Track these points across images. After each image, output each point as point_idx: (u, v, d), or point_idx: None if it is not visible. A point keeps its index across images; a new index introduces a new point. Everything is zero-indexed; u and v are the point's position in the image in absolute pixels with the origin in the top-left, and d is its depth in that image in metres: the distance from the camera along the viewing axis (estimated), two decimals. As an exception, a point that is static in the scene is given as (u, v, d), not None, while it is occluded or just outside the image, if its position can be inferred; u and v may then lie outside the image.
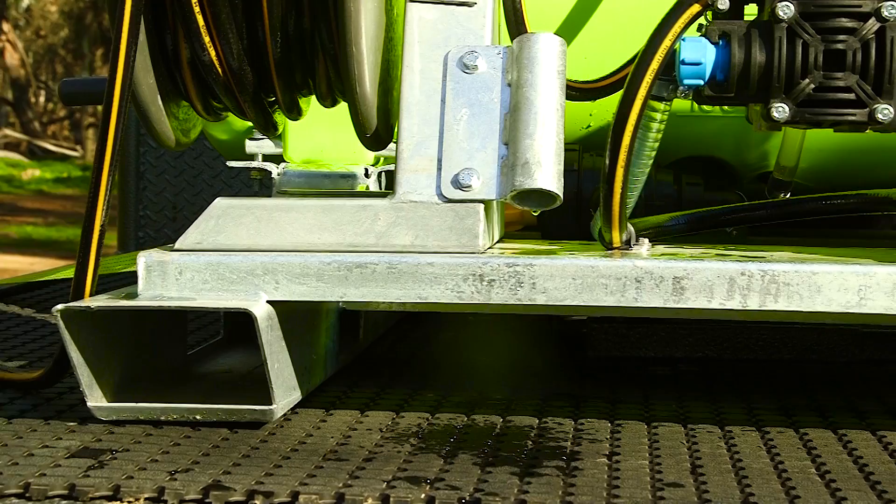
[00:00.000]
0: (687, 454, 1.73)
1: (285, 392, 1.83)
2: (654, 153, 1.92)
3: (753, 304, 1.74)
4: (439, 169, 1.81)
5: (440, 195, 1.81)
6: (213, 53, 1.89)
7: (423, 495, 1.50)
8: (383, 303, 1.79)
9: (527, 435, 1.82)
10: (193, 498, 1.48)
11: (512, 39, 1.89)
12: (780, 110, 1.78)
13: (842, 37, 1.77)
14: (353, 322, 2.27)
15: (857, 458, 1.71)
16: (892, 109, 1.77)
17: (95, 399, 1.79)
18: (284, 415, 1.89)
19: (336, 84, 1.99)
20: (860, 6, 1.76)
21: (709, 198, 2.36)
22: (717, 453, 1.73)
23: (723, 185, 2.48)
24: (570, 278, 1.76)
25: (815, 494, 1.54)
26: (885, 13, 1.75)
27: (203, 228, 1.83)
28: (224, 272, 1.78)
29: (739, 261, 1.76)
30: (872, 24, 1.76)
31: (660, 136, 1.90)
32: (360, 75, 1.86)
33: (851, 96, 1.77)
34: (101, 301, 1.78)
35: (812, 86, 1.77)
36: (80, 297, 1.81)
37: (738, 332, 2.32)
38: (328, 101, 2.06)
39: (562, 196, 1.78)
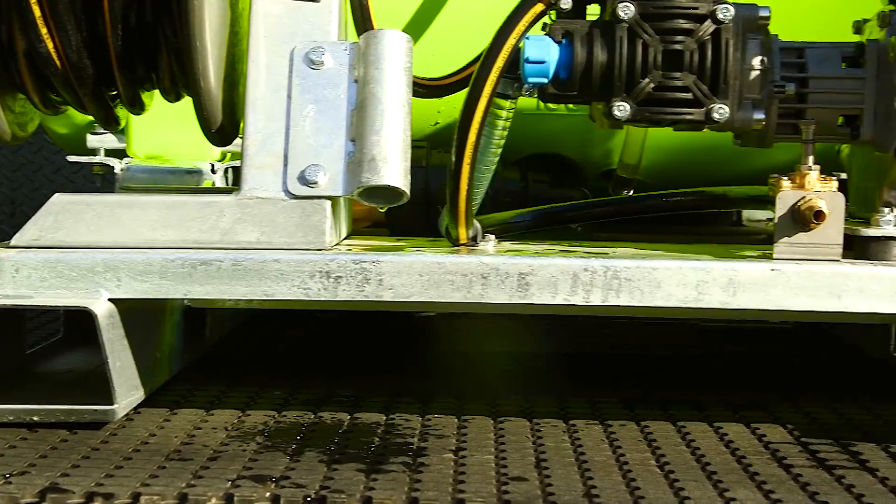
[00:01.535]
0: (532, 448, 1.75)
1: (127, 391, 1.79)
2: (500, 150, 1.93)
3: (596, 299, 1.77)
4: (285, 165, 1.80)
5: (286, 192, 1.79)
6: (50, 45, 1.83)
7: (268, 494, 1.49)
8: (229, 300, 1.77)
9: (374, 432, 1.82)
10: (29, 502, 1.44)
11: (359, 36, 1.88)
12: (622, 109, 1.82)
13: (680, 38, 1.81)
14: (199, 320, 2.24)
15: (695, 449, 1.76)
16: (727, 109, 1.82)
17: (-73, 401, 1.73)
18: (127, 414, 1.85)
19: (180, 78, 1.95)
20: (697, 8, 1.80)
21: (554, 195, 2.39)
22: (562, 447, 1.76)
23: (568, 183, 2.52)
24: (416, 275, 1.76)
25: (654, 486, 1.57)
26: (719, 15, 1.80)
27: (41, 224, 1.78)
28: (63, 269, 1.74)
29: (583, 257, 1.79)
30: (708, 26, 1.80)
31: (506, 133, 1.92)
32: (205, 70, 1.84)
33: (689, 96, 1.82)
34: (-67, 300, 1.72)
35: (652, 85, 1.81)
36: (-89, 296, 1.75)
37: (583, 327, 2.36)
38: (172, 95, 2.02)
39: (409, 193, 1.79)
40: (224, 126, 1.93)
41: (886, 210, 1.84)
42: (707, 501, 1.51)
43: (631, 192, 2.50)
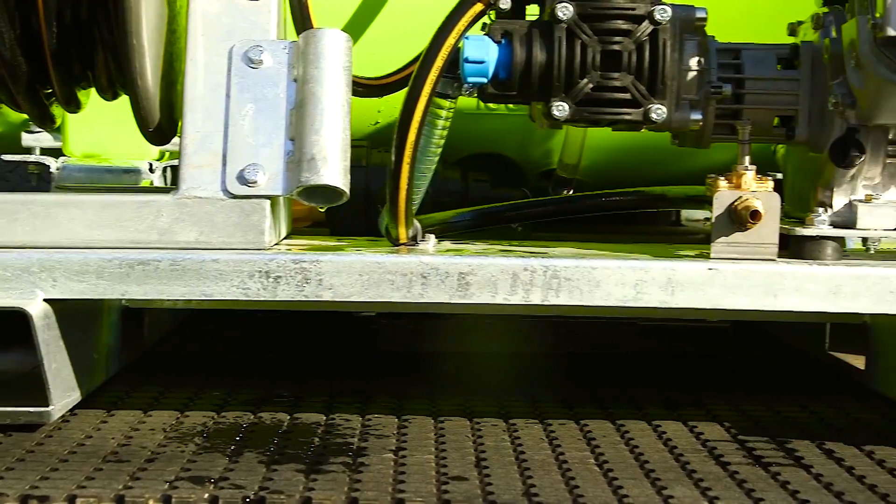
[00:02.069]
0: (472, 447, 1.75)
1: (63, 393, 1.77)
2: (440, 150, 1.93)
3: (536, 298, 1.78)
4: (224, 164, 1.78)
5: (225, 191, 1.78)
6: (-18, 43, 1.81)
7: (206, 495, 1.48)
8: (167, 300, 1.75)
9: (314, 432, 1.82)
10: (-37, 505, 1.42)
11: (298, 35, 1.87)
12: (561, 109, 1.83)
13: (618, 38, 1.82)
14: (137, 320, 2.22)
15: (634, 447, 1.77)
16: (665, 109, 1.83)
17: None
18: (63, 416, 1.83)
19: (117, 77, 1.93)
20: (634, 9, 1.82)
21: (495, 194, 2.39)
22: (502, 446, 1.76)
23: (508, 182, 2.52)
24: (356, 274, 1.76)
25: (593, 484, 1.58)
26: (657, 16, 1.81)
27: (-25, 224, 1.75)
28: (-3, 270, 1.72)
29: (523, 257, 1.79)
30: (646, 27, 1.82)
31: (445, 133, 1.92)
32: (142, 68, 1.82)
33: (627, 96, 1.83)
34: None
35: (590, 85, 1.82)
36: None
37: (522, 326, 2.37)
38: (109, 94, 2.00)
39: (348, 192, 1.78)
40: (162, 125, 1.92)
41: (821, 210, 1.87)
42: (645, 499, 1.52)
43: (571, 192, 2.51)
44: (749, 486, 1.58)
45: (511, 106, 2.30)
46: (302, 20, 2.00)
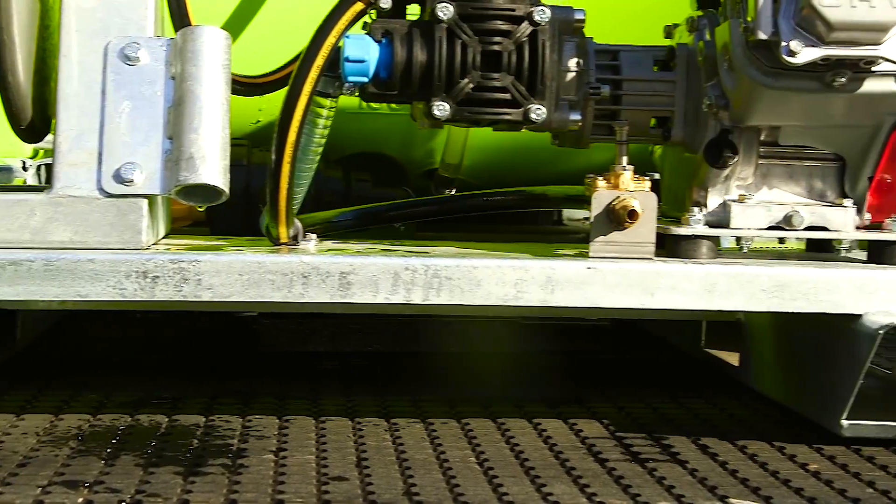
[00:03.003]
0: (353, 447, 1.75)
1: (-68, 397, 1.73)
2: (321, 149, 1.93)
3: (417, 298, 1.78)
4: (100, 163, 1.75)
5: (101, 190, 1.75)
6: None
7: (80, 499, 1.45)
8: (41, 301, 1.72)
9: (193, 434, 1.80)
10: None
11: (176, 32, 1.85)
12: (441, 108, 1.83)
13: (498, 39, 1.83)
14: (9, 321, 2.17)
15: (514, 445, 1.78)
16: (544, 109, 1.85)
17: None
18: (-68, 422, 1.78)
19: (-12, 72, 1.89)
20: (514, 10, 1.83)
21: (377, 194, 2.39)
22: (383, 446, 1.76)
23: (391, 182, 2.52)
24: (236, 274, 1.74)
25: (473, 483, 1.59)
26: (536, 17, 1.82)
27: None
28: None
29: (404, 256, 1.79)
30: (526, 28, 1.83)
31: (327, 132, 1.91)
32: (13, 64, 1.78)
33: (507, 96, 1.84)
34: None
35: (471, 85, 1.83)
36: None
37: (406, 326, 2.37)
38: (-21, 90, 1.95)
39: (228, 191, 1.76)
40: (34, 122, 1.88)
41: (696, 209, 1.90)
42: (524, 497, 1.53)
43: (453, 192, 2.52)
44: (626, 483, 1.60)
45: (393, 105, 2.30)
46: (180, 17, 1.98)
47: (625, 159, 1.85)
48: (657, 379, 2.33)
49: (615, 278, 1.79)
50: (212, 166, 1.74)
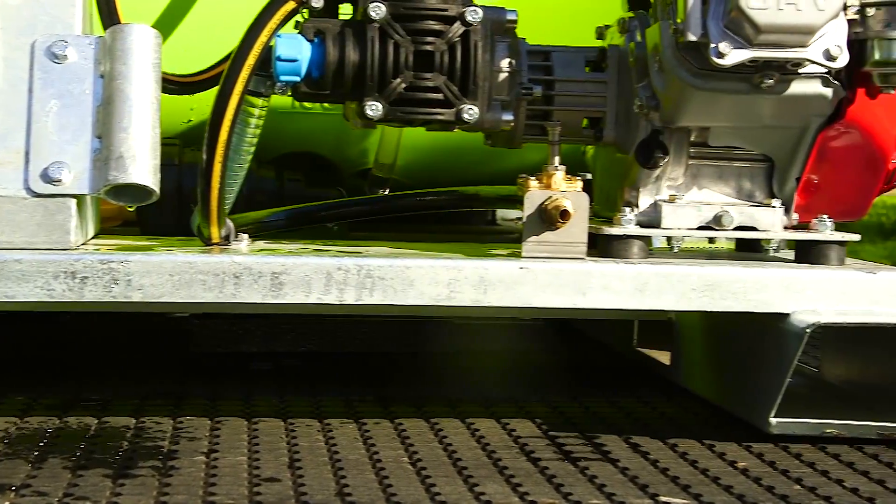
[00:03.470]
0: (286, 448, 1.74)
1: None
2: (253, 149, 1.92)
3: (350, 298, 1.77)
4: (27, 162, 1.73)
5: (28, 190, 1.73)
6: None
7: (6, 503, 1.43)
8: (-34, 302, 1.69)
9: (123, 436, 1.78)
10: None
11: (105, 30, 1.83)
12: (374, 108, 1.83)
13: (430, 39, 1.83)
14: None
15: (448, 445, 1.79)
16: (477, 110, 1.85)
17: None
18: None
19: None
20: (446, 10, 1.83)
21: (310, 194, 2.38)
22: (316, 446, 1.76)
23: (324, 182, 2.51)
24: (167, 275, 1.73)
25: (406, 483, 1.59)
26: (468, 18, 1.83)
27: None
28: None
29: (337, 256, 1.79)
30: (458, 28, 1.83)
31: (259, 131, 1.90)
32: (-65, 61, 1.75)
33: (440, 96, 1.84)
34: None
35: (403, 85, 1.83)
36: None
37: (339, 326, 2.37)
38: None
39: (158, 191, 1.75)
40: (-40, 121, 1.85)
41: (628, 209, 1.92)
42: (457, 496, 1.54)
43: (387, 192, 2.52)
44: (558, 481, 1.61)
45: (326, 105, 2.29)
46: (109, 15, 1.96)
47: (557, 159, 1.86)
48: (589, 378, 2.35)
49: (547, 278, 1.80)
50: (142, 166, 1.73)
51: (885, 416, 1.86)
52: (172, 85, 2.02)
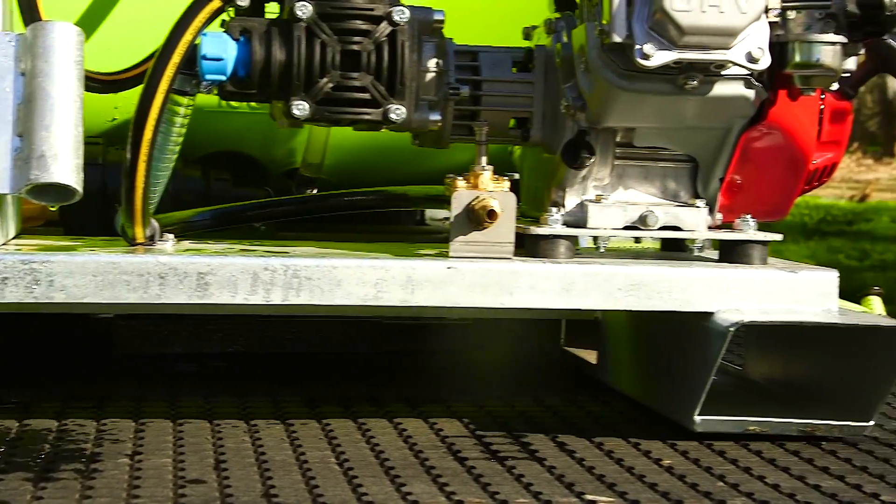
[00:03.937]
0: (212, 450, 1.73)
1: None
2: (178, 148, 1.90)
3: (276, 298, 1.77)
4: (-55, 161, 1.70)
5: (-56, 189, 1.70)
6: None
7: (-76, 509, 1.41)
8: None
9: (44, 439, 1.75)
10: None
11: (26, 28, 1.80)
12: (301, 108, 1.82)
13: (357, 38, 1.83)
14: None
15: (375, 445, 1.78)
16: (404, 110, 1.85)
17: None
18: None
19: None
20: (373, 10, 1.83)
21: (237, 193, 2.36)
22: (242, 447, 1.75)
23: (251, 181, 2.50)
24: (90, 275, 1.71)
25: (333, 483, 1.58)
26: (395, 18, 1.83)
27: None
28: None
29: (263, 256, 1.78)
30: (385, 28, 1.83)
31: (184, 130, 1.89)
32: None
33: (367, 96, 1.84)
34: None
35: (330, 85, 1.82)
36: None
37: (266, 326, 2.35)
38: None
39: (81, 190, 1.73)
40: None
41: (554, 209, 1.93)
42: (384, 496, 1.53)
43: (315, 192, 2.51)
44: (485, 481, 1.62)
45: (253, 104, 2.28)
46: (30, 12, 1.93)
47: (484, 159, 1.86)
48: (517, 377, 2.35)
49: (475, 278, 1.80)
50: (64, 165, 1.71)
51: (807, 413, 1.89)
52: (96, 83, 2.00)
